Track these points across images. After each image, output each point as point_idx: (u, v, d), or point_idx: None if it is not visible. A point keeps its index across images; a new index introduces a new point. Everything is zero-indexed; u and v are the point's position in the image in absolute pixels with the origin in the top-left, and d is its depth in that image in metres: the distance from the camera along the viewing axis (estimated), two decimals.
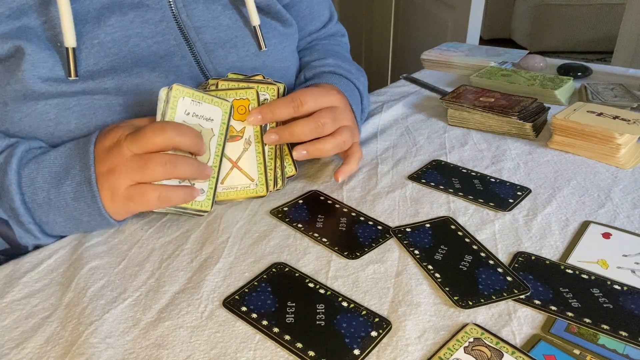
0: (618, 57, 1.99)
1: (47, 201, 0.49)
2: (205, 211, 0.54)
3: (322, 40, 0.82)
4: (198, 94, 0.51)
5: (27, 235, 0.50)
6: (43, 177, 0.49)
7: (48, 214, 0.49)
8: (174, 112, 0.50)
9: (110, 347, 0.39)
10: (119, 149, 0.48)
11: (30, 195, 0.49)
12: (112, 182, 0.48)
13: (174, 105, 0.50)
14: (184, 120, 0.51)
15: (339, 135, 0.59)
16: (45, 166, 0.49)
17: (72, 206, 0.49)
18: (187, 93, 0.50)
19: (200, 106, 0.51)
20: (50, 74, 0.51)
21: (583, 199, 0.58)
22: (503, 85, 0.89)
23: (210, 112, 0.52)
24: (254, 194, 0.59)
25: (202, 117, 0.52)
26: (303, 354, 0.38)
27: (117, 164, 0.48)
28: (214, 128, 0.53)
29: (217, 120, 0.53)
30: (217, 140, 0.53)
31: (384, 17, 2.60)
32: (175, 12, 0.59)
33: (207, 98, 0.52)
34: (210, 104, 0.52)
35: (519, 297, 0.43)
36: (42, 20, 0.51)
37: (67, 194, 0.48)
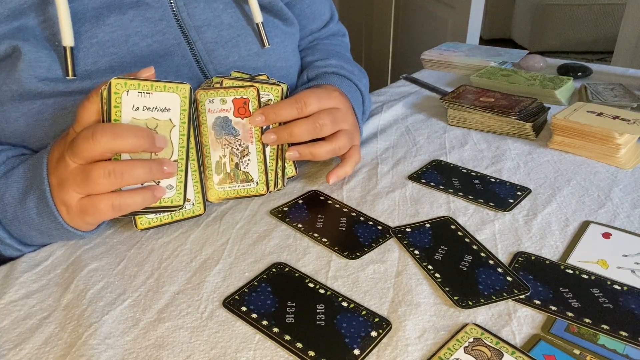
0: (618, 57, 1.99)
1: (16, 217, 0.48)
2: (176, 206, 0.50)
3: (324, 40, 0.82)
4: (146, 83, 0.45)
5: (9, 248, 0.50)
6: (11, 193, 0.48)
7: (21, 229, 0.49)
8: (118, 111, 0.44)
9: (110, 347, 0.39)
10: (63, 161, 0.44)
11: (1, 212, 0.48)
12: (63, 197, 0.45)
13: (117, 102, 0.44)
14: (134, 118, 0.45)
15: (336, 140, 0.59)
16: (13, 181, 0.48)
17: (37, 221, 0.48)
18: (130, 85, 0.44)
19: (150, 97, 0.45)
20: (48, 73, 0.50)
21: (583, 199, 0.58)
22: (503, 85, 0.89)
23: (164, 101, 0.46)
24: (253, 192, 0.59)
25: (155, 109, 0.46)
26: (303, 354, 0.38)
27: (64, 177, 0.44)
28: (173, 118, 0.48)
29: (176, 108, 0.47)
30: (179, 130, 0.48)
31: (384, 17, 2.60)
32: (176, 10, 0.59)
33: (159, 85, 0.46)
34: (163, 92, 0.46)
35: (519, 297, 0.43)
36: (40, 19, 0.51)
37: (31, 210, 0.47)
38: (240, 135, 0.56)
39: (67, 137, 0.46)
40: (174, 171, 0.48)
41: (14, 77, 0.49)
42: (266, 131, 0.57)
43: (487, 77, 0.92)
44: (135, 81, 0.44)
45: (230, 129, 0.56)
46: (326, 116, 0.57)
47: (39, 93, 0.50)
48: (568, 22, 3.73)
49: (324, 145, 0.58)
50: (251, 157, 0.57)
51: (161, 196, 0.48)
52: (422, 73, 1.06)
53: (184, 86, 0.47)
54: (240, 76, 0.58)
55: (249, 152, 0.57)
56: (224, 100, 0.55)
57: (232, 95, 0.55)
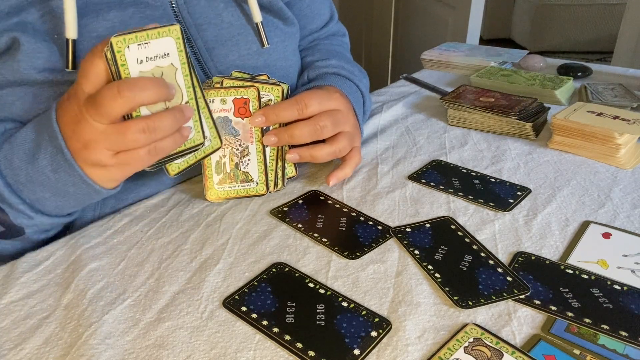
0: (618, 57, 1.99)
1: (29, 179, 0.48)
2: (199, 144, 0.52)
3: (324, 40, 0.82)
4: (141, 34, 0.45)
5: (21, 215, 0.50)
6: (18, 156, 0.48)
7: (35, 192, 0.49)
8: (126, 69, 0.44)
9: (110, 347, 0.39)
10: (86, 123, 0.44)
11: (12, 177, 0.48)
12: (95, 157, 0.46)
13: (122, 60, 0.44)
14: (141, 71, 0.46)
15: (337, 142, 0.59)
16: (18, 144, 0.48)
17: (53, 179, 0.48)
18: (129, 40, 0.44)
19: (149, 46, 0.46)
20: (47, 64, 0.50)
21: (583, 199, 0.58)
22: (503, 85, 0.89)
23: (162, 47, 0.47)
24: (253, 192, 0.59)
25: (157, 57, 0.47)
26: (303, 354, 0.38)
27: (92, 139, 0.45)
28: (174, 61, 0.48)
29: (173, 50, 0.48)
30: (182, 71, 0.49)
31: (384, 17, 2.60)
32: (176, 8, 0.59)
33: (152, 33, 0.46)
34: (159, 37, 0.46)
35: (519, 297, 0.43)
36: (40, 13, 0.51)
37: (45, 167, 0.47)
38: (240, 135, 0.56)
39: (75, 96, 0.46)
40: (192, 113, 0.50)
41: (11, 68, 0.49)
42: (267, 133, 0.57)
43: (487, 77, 0.92)
44: (132, 34, 0.44)
45: (230, 129, 0.56)
46: (327, 118, 0.57)
47: (37, 81, 0.51)
48: (568, 22, 3.73)
49: (324, 147, 0.58)
50: (251, 157, 0.57)
51: (188, 135, 0.49)
52: (422, 73, 1.06)
53: (175, 27, 0.47)
54: (240, 76, 0.58)
55: (249, 152, 0.57)
56: (225, 100, 0.55)
57: (233, 95, 0.55)
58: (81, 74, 0.45)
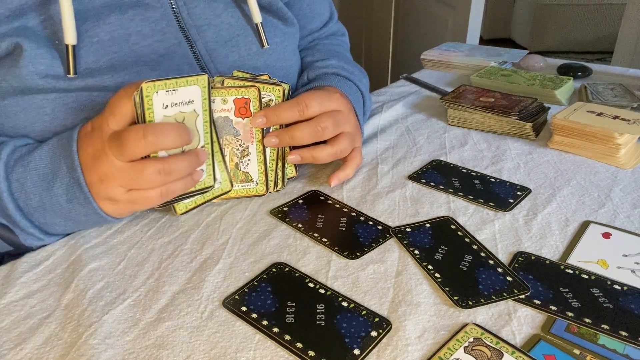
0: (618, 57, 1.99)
1: (42, 205, 0.49)
2: (209, 187, 0.54)
3: (323, 40, 0.82)
4: (170, 81, 0.48)
5: (30, 237, 0.50)
6: (32, 180, 0.48)
7: (45, 217, 0.49)
8: (151, 112, 0.47)
9: (110, 347, 0.39)
10: (107, 158, 0.46)
11: (24, 200, 0.48)
12: (109, 192, 0.48)
13: (149, 105, 0.47)
14: (165, 115, 0.48)
15: (338, 143, 0.59)
16: (33, 168, 0.48)
17: (66, 208, 0.49)
18: (158, 86, 0.47)
19: (176, 93, 0.48)
20: (49, 70, 0.51)
21: (583, 199, 0.58)
22: (503, 85, 0.89)
23: (188, 95, 0.49)
24: (253, 192, 0.59)
25: (181, 104, 0.49)
26: (303, 354, 0.38)
27: (109, 174, 0.47)
28: (196, 108, 0.50)
29: (197, 98, 0.50)
30: (202, 118, 0.51)
31: (384, 17, 2.60)
32: (176, 10, 0.59)
33: (181, 81, 0.48)
34: (186, 86, 0.49)
35: (519, 297, 0.43)
36: (41, 18, 0.51)
37: (60, 196, 0.48)
38: (240, 136, 0.56)
39: (100, 130, 0.47)
40: (206, 158, 0.52)
41: (14, 74, 0.49)
42: (267, 134, 0.57)
43: (487, 77, 0.92)
44: (162, 81, 0.47)
45: (230, 128, 0.56)
46: (328, 119, 0.57)
47: (40, 89, 0.51)
48: (568, 22, 3.73)
49: (325, 148, 0.58)
50: (251, 157, 0.57)
51: (199, 179, 0.52)
52: (422, 73, 1.06)
53: (203, 77, 0.50)
54: (242, 76, 0.58)
55: (249, 153, 0.57)
56: (225, 100, 0.55)
57: (234, 95, 0.55)
58: (109, 110, 0.47)
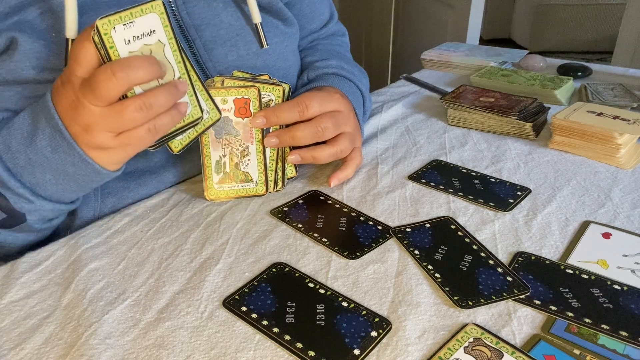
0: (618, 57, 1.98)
1: (29, 161, 0.48)
2: (197, 119, 0.52)
3: (323, 40, 0.82)
4: (124, 13, 0.45)
5: (21, 199, 0.49)
6: (16, 139, 0.48)
7: (35, 174, 0.49)
8: (115, 51, 0.45)
9: (110, 347, 0.39)
10: (83, 107, 0.45)
11: (11, 161, 0.48)
12: (96, 140, 0.47)
13: (110, 42, 0.44)
14: (130, 51, 0.46)
15: (338, 143, 0.59)
16: (16, 129, 0.48)
17: (52, 159, 0.48)
18: (114, 21, 0.44)
19: (134, 25, 0.46)
20: (45, 64, 0.51)
21: (583, 199, 0.58)
22: (503, 85, 0.89)
23: (147, 24, 0.47)
24: (253, 192, 0.59)
25: (143, 35, 0.46)
26: (303, 354, 0.38)
27: (92, 122, 0.45)
28: (160, 38, 0.48)
29: (159, 27, 0.47)
30: (170, 47, 0.48)
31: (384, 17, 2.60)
32: (175, 9, 0.59)
33: (135, 11, 0.46)
34: (143, 15, 0.46)
35: (519, 297, 0.43)
36: (39, 11, 0.51)
37: (44, 148, 0.47)
38: (240, 135, 0.56)
39: (69, 82, 0.46)
40: (186, 88, 0.50)
41: (8, 68, 0.50)
42: (268, 134, 0.57)
43: (487, 77, 0.92)
44: (116, 15, 0.44)
45: (230, 128, 0.56)
46: (328, 119, 0.57)
47: (36, 81, 0.51)
48: (568, 22, 3.73)
49: (325, 148, 0.58)
50: (251, 157, 0.57)
51: (185, 110, 0.50)
52: (422, 73, 1.06)
53: (157, 2, 0.47)
54: (241, 76, 0.58)
55: (249, 152, 0.57)
56: (225, 100, 0.55)
57: (233, 95, 0.55)
58: (73, 60, 0.45)
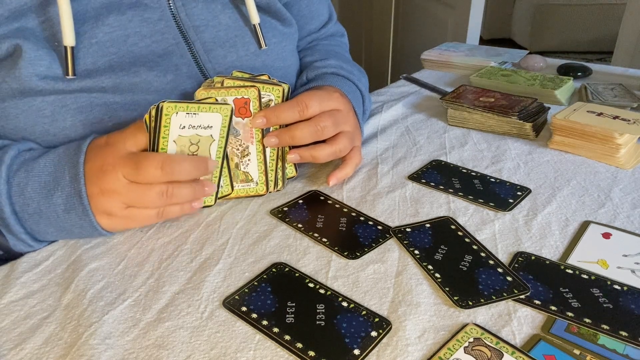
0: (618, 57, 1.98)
1: (38, 212, 0.48)
2: (209, 206, 0.56)
3: (322, 41, 0.82)
4: (193, 105, 0.49)
5: (20, 243, 0.50)
6: (32, 187, 0.48)
7: (39, 224, 0.49)
8: (167, 130, 0.48)
9: (110, 347, 0.39)
10: (114, 174, 0.47)
11: (21, 206, 0.48)
12: (108, 206, 0.48)
13: (167, 122, 0.48)
14: (179, 135, 0.49)
15: (337, 143, 0.59)
16: (35, 175, 0.48)
17: (62, 217, 0.49)
18: (180, 108, 0.48)
19: (196, 117, 0.50)
20: (48, 72, 0.51)
21: (583, 199, 0.58)
22: (503, 85, 0.89)
23: (208, 120, 0.51)
24: (253, 192, 0.59)
25: (199, 127, 0.50)
26: (303, 354, 0.38)
27: (113, 189, 0.48)
28: (214, 134, 0.52)
29: (217, 125, 0.51)
30: (217, 144, 0.52)
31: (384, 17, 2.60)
32: (174, 11, 0.59)
33: (204, 107, 0.50)
34: (208, 112, 0.50)
35: (519, 297, 0.43)
36: (40, 20, 0.51)
37: (58, 206, 0.48)
38: (240, 135, 0.56)
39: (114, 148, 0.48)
40: (213, 191, 0.54)
41: (14, 75, 0.50)
42: (267, 134, 0.57)
43: (487, 77, 0.92)
44: (184, 104, 0.48)
45: (230, 128, 0.56)
46: (327, 118, 0.57)
47: (39, 91, 0.51)
48: (568, 22, 3.73)
49: (325, 147, 0.58)
50: (251, 157, 0.57)
51: (198, 208, 0.53)
52: (422, 73, 1.06)
53: (227, 107, 0.51)
54: (241, 76, 0.58)
55: (249, 152, 0.57)
56: (225, 100, 0.55)
57: (233, 95, 0.55)
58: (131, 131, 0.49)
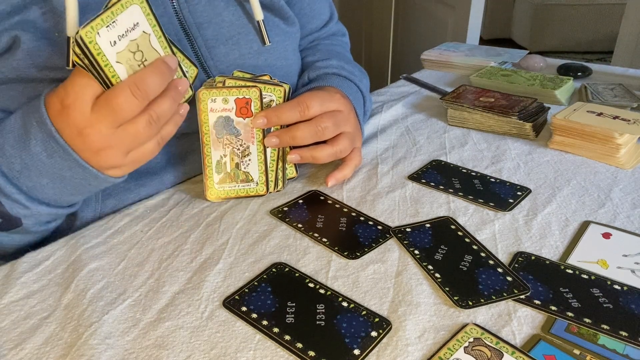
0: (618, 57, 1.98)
1: (25, 166, 0.47)
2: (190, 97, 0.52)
3: (324, 40, 0.82)
4: (105, 14, 0.43)
5: (16, 205, 0.49)
6: (9, 143, 0.47)
7: (31, 178, 0.48)
8: (103, 56, 0.43)
9: (110, 347, 0.39)
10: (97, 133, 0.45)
11: (7, 165, 0.47)
12: (111, 161, 0.47)
13: (96, 49, 0.42)
14: (117, 52, 0.44)
15: (337, 143, 0.59)
16: (8, 131, 0.48)
17: (49, 163, 0.47)
18: (97, 26, 0.42)
19: (117, 24, 0.44)
20: (47, 62, 0.50)
21: (583, 199, 0.58)
22: (503, 85, 0.89)
23: (130, 19, 0.45)
24: (253, 192, 0.59)
25: (128, 31, 0.45)
26: (303, 354, 0.38)
27: (104, 145, 0.46)
28: (145, 29, 0.47)
29: (141, 18, 0.46)
30: (155, 35, 0.48)
31: (384, 17, 2.60)
32: (177, 7, 0.59)
33: (116, 9, 0.43)
34: (123, 11, 0.44)
35: (519, 297, 0.43)
36: (42, 11, 0.51)
37: (40, 154, 0.47)
38: (241, 135, 0.56)
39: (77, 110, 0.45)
40: (187, 85, 0.50)
41: (10, 66, 0.49)
42: (268, 134, 0.57)
43: (487, 77, 0.92)
44: (97, 19, 0.42)
45: (231, 128, 0.56)
46: (328, 119, 0.57)
47: (38, 79, 0.51)
48: (568, 22, 3.73)
49: (325, 148, 0.58)
50: (252, 157, 0.58)
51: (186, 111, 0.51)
52: (422, 73, 1.06)
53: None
54: (242, 76, 0.58)
55: (249, 152, 0.57)
56: (226, 100, 0.55)
57: (235, 95, 0.55)
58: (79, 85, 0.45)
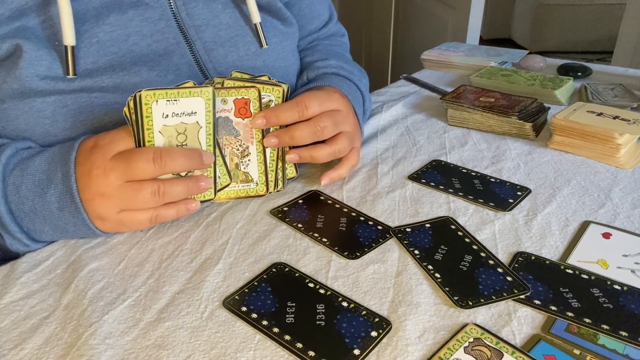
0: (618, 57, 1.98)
1: (33, 210, 0.48)
2: (209, 199, 0.55)
3: (323, 41, 0.82)
4: (172, 91, 0.48)
5: (17, 242, 0.50)
6: (27, 185, 0.48)
7: (34, 223, 0.49)
8: (150, 121, 0.47)
9: (110, 347, 0.39)
10: (105, 177, 0.47)
11: (17, 204, 0.48)
12: (101, 210, 0.48)
13: (148, 113, 0.47)
14: (164, 125, 0.48)
15: (336, 143, 0.59)
16: (30, 173, 0.48)
17: (57, 216, 0.48)
18: (159, 95, 0.47)
19: (177, 104, 0.48)
20: (48, 72, 0.51)
21: (583, 199, 0.58)
22: (503, 85, 0.89)
23: (191, 106, 0.49)
24: (253, 192, 0.59)
25: (183, 114, 0.49)
26: (303, 354, 0.38)
27: (105, 192, 0.47)
28: (199, 120, 0.50)
29: (201, 110, 0.50)
30: (205, 130, 0.51)
31: (384, 17, 2.60)
32: (175, 10, 0.59)
33: (184, 92, 0.48)
34: (189, 97, 0.49)
35: (519, 297, 0.43)
36: (40, 19, 0.51)
37: (52, 204, 0.48)
38: (240, 136, 0.56)
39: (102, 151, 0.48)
40: (210, 186, 0.52)
41: (14, 75, 0.50)
42: (267, 135, 0.57)
43: (487, 77, 0.92)
44: (162, 90, 0.47)
45: (230, 129, 0.56)
46: (327, 119, 0.57)
47: (40, 91, 0.51)
48: (568, 22, 3.73)
49: (324, 148, 0.58)
50: (251, 157, 0.58)
51: (194, 210, 0.52)
52: (422, 73, 1.06)
53: (207, 89, 0.50)
54: (241, 76, 0.58)
55: (249, 153, 0.57)
56: (225, 101, 0.55)
57: (234, 95, 0.55)
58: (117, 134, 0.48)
